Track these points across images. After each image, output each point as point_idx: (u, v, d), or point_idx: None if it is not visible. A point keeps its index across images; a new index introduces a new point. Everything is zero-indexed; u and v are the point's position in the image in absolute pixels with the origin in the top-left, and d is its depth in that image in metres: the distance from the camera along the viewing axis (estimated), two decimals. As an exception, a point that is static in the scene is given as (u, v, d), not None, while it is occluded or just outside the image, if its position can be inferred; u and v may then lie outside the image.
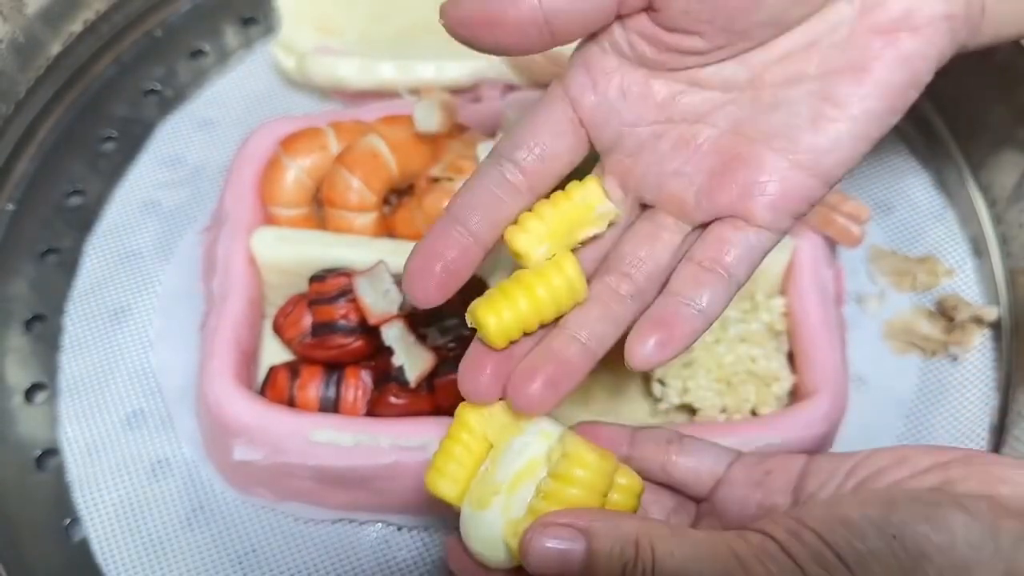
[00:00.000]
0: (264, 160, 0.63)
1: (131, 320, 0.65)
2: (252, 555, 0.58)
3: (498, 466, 0.41)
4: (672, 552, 0.36)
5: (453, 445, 0.42)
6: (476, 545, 0.41)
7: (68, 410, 0.62)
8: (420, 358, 0.55)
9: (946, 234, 0.69)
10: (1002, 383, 0.64)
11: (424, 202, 0.60)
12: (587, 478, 0.39)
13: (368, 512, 0.58)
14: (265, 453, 0.55)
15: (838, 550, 0.34)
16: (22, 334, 0.65)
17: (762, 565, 0.35)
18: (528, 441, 0.41)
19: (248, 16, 0.78)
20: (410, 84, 0.68)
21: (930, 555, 0.33)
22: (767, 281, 0.61)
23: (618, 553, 0.36)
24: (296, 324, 0.59)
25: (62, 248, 0.68)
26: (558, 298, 0.41)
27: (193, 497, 0.59)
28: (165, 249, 0.68)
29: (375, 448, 0.54)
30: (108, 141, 0.73)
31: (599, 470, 0.39)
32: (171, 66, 0.76)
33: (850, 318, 0.65)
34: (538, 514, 0.38)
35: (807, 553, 0.34)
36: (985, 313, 0.64)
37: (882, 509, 0.35)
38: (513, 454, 0.41)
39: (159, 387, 0.62)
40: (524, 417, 0.41)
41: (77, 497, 0.59)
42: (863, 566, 0.34)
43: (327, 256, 0.59)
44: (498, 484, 0.40)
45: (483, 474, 0.41)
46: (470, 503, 0.41)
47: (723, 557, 0.35)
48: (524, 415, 0.41)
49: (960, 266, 0.68)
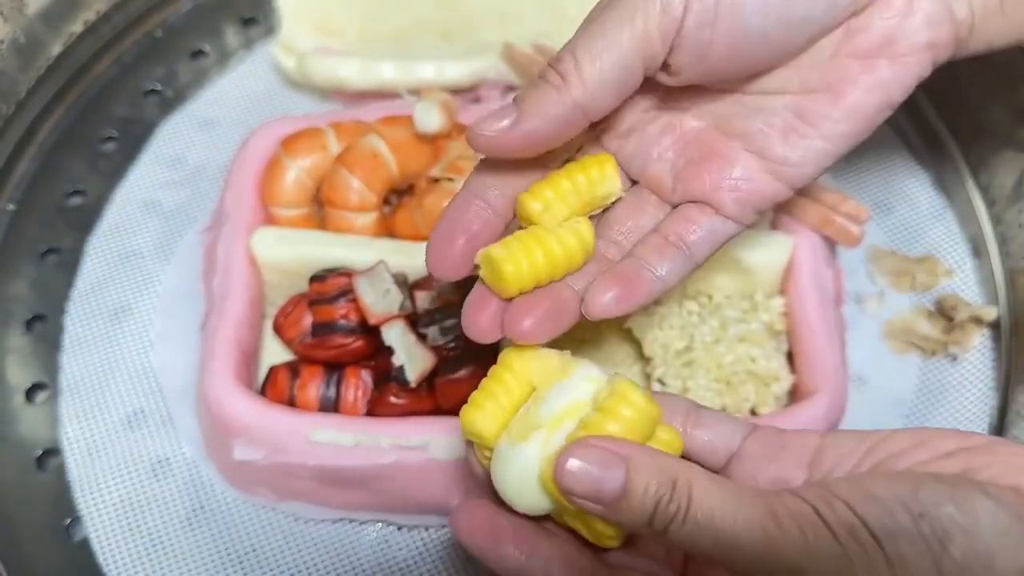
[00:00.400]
0: (264, 160, 0.63)
1: (132, 320, 0.65)
2: (252, 554, 0.58)
3: (541, 405, 0.40)
4: (708, 498, 0.35)
5: (494, 384, 0.41)
6: (507, 483, 0.39)
7: (69, 410, 0.62)
8: (420, 358, 0.55)
9: (945, 234, 0.69)
10: (1001, 383, 0.64)
11: (424, 202, 0.60)
12: (632, 418, 0.38)
13: (368, 512, 0.58)
14: (265, 453, 0.55)
15: (869, 523, 0.34)
16: (23, 334, 0.65)
17: (797, 527, 0.34)
18: (575, 384, 0.40)
19: (248, 16, 0.78)
20: (410, 84, 0.68)
21: (954, 537, 0.33)
22: (767, 281, 0.61)
23: (654, 489, 0.35)
24: (296, 324, 0.59)
25: (63, 248, 0.68)
26: (571, 257, 0.42)
27: (194, 497, 0.59)
28: (166, 249, 0.68)
29: (375, 448, 0.54)
30: (109, 141, 0.73)
31: (646, 414, 0.38)
32: (171, 66, 0.76)
33: (850, 318, 0.65)
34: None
35: (841, 522, 0.34)
36: (984, 313, 0.65)
37: (909, 488, 0.34)
38: (558, 394, 0.40)
39: (160, 387, 0.63)
40: (572, 363, 0.41)
41: (78, 497, 0.59)
42: (892, 542, 0.33)
43: (327, 256, 0.59)
44: (540, 419, 0.39)
45: (524, 413, 0.40)
46: (509, 437, 0.40)
47: (759, 512, 0.35)
48: (572, 362, 0.41)
49: (959, 266, 0.68)
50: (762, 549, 0.34)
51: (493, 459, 0.40)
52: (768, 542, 0.34)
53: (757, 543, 0.34)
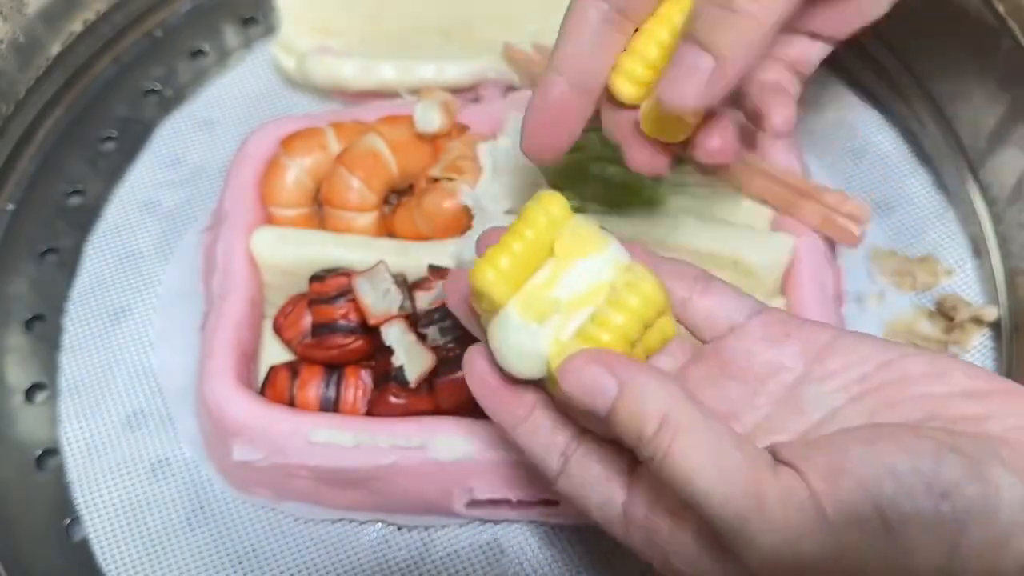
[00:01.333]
0: (264, 160, 0.63)
1: (131, 320, 0.65)
2: (252, 555, 0.58)
3: (560, 283, 0.39)
4: (687, 456, 0.33)
5: (514, 240, 0.39)
6: (508, 351, 0.39)
7: (68, 410, 0.62)
8: (420, 358, 0.55)
9: (946, 234, 0.69)
10: (1002, 383, 0.64)
11: (424, 202, 0.60)
12: (637, 307, 0.38)
13: (368, 512, 0.58)
14: (265, 453, 0.55)
15: (883, 506, 0.31)
16: (22, 334, 0.65)
17: (783, 510, 0.32)
18: (599, 267, 0.39)
19: (248, 16, 0.78)
20: (410, 84, 0.68)
21: (975, 518, 0.31)
22: (767, 282, 0.61)
23: (638, 423, 0.35)
24: (296, 324, 0.59)
25: (62, 248, 0.68)
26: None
27: (193, 497, 0.59)
28: (165, 249, 0.68)
29: (375, 448, 0.54)
30: (108, 141, 0.73)
31: (651, 302, 0.38)
32: (171, 66, 0.76)
33: (850, 318, 0.65)
34: (586, 337, 0.38)
35: (841, 506, 0.32)
36: (985, 313, 0.65)
37: (931, 462, 0.32)
38: (579, 275, 0.39)
39: (159, 387, 0.63)
40: (600, 241, 0.39)
41: (77, 497, 0.59)
42: (903, 528, 0.31)
43: (327, 256, 0.59)
44: (557, 302, 0.39)
45: (539, 284, 0.39)
46: (521, 311, 0.39)
47: (742, 484, 0.33)
48: (600, 240, 0.39)
49: (960, 266, 0.68)
50: (737, 532, 0.33)
51: (497, 323, 0.39)
52: (743, 526, 0.32)
53: (732, 526, 0.33)
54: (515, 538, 0.58)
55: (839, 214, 0.61)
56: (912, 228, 0.70)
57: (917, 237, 0.69)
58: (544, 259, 0.40)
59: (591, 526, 0.59)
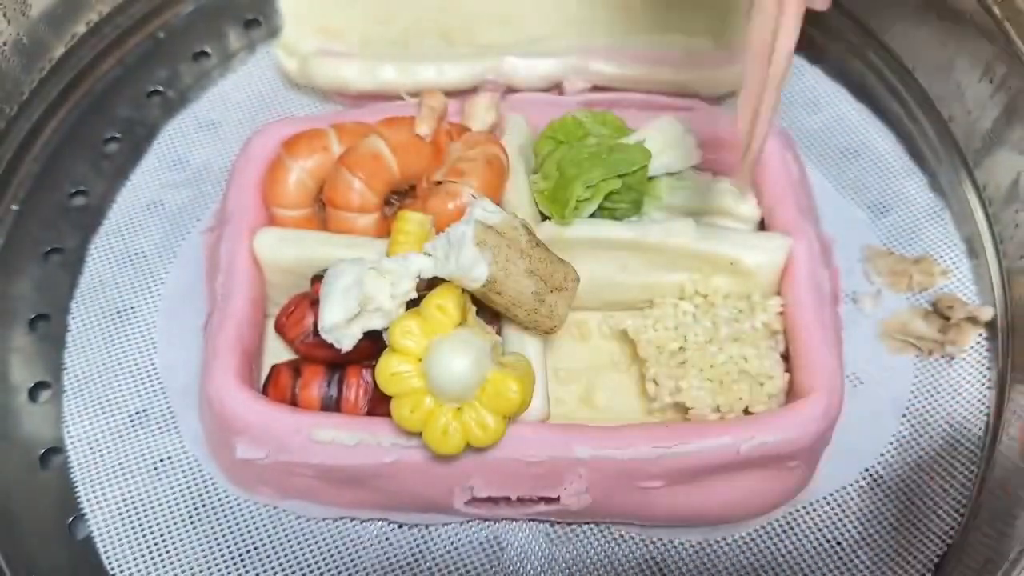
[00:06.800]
0: (266, 161, 0.63)
1: (135, 319, 0.65)
2: (254, 552, 0.58)
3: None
4: None
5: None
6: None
7: (72, 408, 0.62)
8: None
9: (942, 234, 0.70)
10: (997, 382, 0.64)
11: (427, 205, 0.60)
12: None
13: (369, 510, 0.58)
14: (267, 452, 0.55)
15: None
16: (26, 333, 0.65)
17: None
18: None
19: (250, 18, 0.78)
20: (411, 86, 0.69)
21: None
22: (764, 282, 0.61)
23: None
24: (298, 324, 0.59)
25: (66, 248, 0.68)
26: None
27: (196, 495, 0.60)
28: (168, 249, 0.68)
29: (376, 447, 0.54)
30: (112, 142, 0.73)
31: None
32: (174, 68, 0.76)
33: (846, 318, 0.65)
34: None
35: None
36: (981, 313, 0.65)
37: None
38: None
39: (162, 386, 0.63)
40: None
41: (81, 495, 0.60)
42: None
43: (329, 256, 0.59)
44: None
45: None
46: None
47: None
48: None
49: (956, 266, 0.68)
50: None
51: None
52: None
53: None
54: (514, 535, 0.59)
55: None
56: (908, 228, 0.70)
57: (913, 237, 0.70)
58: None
59: (590, 523, 0.59)
